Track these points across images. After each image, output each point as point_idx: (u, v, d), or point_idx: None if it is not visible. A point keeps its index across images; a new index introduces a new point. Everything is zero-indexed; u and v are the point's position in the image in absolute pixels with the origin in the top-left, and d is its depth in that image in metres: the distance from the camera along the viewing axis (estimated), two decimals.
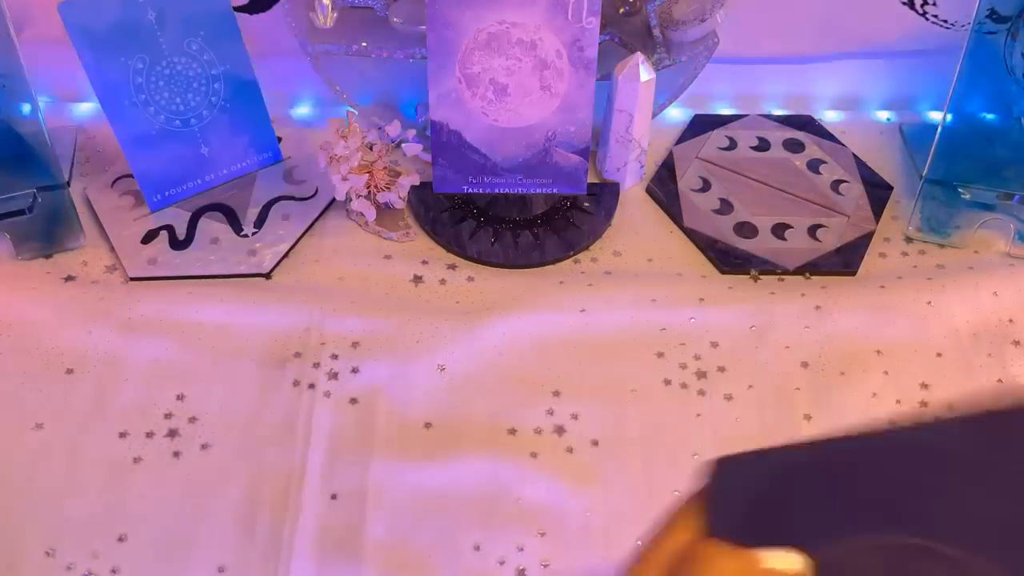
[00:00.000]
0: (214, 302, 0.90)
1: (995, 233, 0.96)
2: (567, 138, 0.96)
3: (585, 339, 0.88)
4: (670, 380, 0.85)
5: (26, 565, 0.72)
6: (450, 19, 0.89)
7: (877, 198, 1.00)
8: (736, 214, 0.98)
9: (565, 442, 0.81)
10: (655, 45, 1.00)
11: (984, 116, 0.95)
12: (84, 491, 0.77)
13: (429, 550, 0.74)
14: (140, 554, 0.74)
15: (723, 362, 0.86)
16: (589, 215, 0.98)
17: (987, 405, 0.45)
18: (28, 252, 0.93)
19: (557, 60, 0.91)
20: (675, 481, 0.78)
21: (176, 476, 0.79)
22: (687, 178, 1.03)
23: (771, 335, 0.88)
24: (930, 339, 0.88)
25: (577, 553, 0.74)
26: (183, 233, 0.95)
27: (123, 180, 1.00)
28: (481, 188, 0.99)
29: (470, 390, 0.84)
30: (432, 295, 0.92)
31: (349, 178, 0.93)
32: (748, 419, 0.83)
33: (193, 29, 0.93)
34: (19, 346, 0.86)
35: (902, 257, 0.96)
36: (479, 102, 0.94)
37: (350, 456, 0.80)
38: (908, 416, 0.82)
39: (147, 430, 0.81)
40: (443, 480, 0.78)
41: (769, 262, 0.94)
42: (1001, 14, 0.90)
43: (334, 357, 0.86)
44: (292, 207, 0.98)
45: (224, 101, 0.98)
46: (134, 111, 0.93)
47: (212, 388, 0.84)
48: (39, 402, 0.83)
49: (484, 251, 0.95)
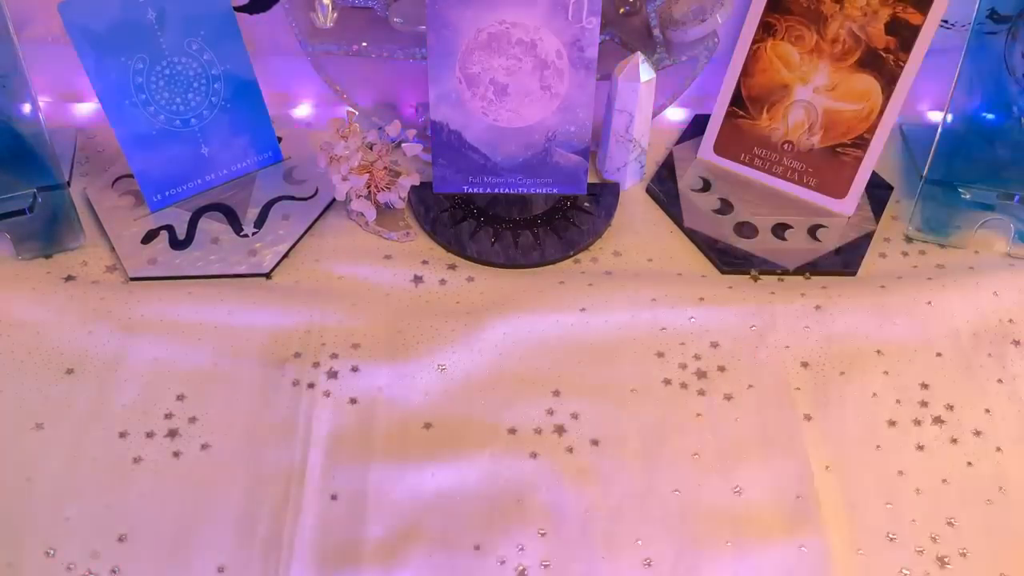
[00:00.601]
0: (214, 302, 0.90)
1: (995, 233, 0.96)
2: (567, 138, 0.96)
3: (585, 339, 0.88)
4: (670, 380, 0.85)
5: (26, 565, 0.72)
6: (450, 19, 0.89)
7: (877, 198, 1.00)
8: (736, 214, 0.99)
9: (565, 442, 0.81)
10: (655, 45, 1.00)
11: (984, 116, 0.95)
12: (84, 491, 0.77)
13: (429, 550, 0.74)
14: (140, 554, 0.73)
15: (723, 362, 0.87)
16: (589, 215, 0.98)
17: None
18: (28, 252, 0.93)
19: (557, 60, 0.91)
20: (675, 481, 0.78)
21: (176, 476, 0.79)
22: (687, 178, 1.03)
23: (771, 335, 0.88)
24: (930, 339, 0.88)
25: (577, 553, 0.74)
26: (183, 233, 0.95)
27: (123, 180, 1.00)
28: (481, 188, 0.99)
29: (470, 390, 0.84)
30: (432, 295, 0.92)
31: (349, 178, 0.93)
32: (748, 419, 0.83)
33: (193, 29, 0.93)
34: (19, 346, 0.86)
35: (902, 257, 0.96)
36: (479, 102, 0.94)
37: (350, 456, 0.80)
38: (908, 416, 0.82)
39: (147, 430, 0.81)
40: (443, 480, 0.78)
41: (769, 262, 0.94)
42: (1001, 14, 0.90)
43: (334, 357, 0.86)
44: (292, 207, 0.98)
45: (224, 101, 0.98)
46: (134, 111, 0.93)
47: (212, 388, 0.84)
48: (39, 402, 0.83)
49: (484, 251, 0.95)
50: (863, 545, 0.74)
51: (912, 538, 0.75)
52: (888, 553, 0.74)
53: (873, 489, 0.78)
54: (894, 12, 0.90)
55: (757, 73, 0.99)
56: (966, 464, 0.80)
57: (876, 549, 0.74)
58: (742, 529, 0.75)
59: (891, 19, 0.91)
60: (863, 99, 0.94)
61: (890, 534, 0.75)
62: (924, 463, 0.80)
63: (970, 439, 0.81)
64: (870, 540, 0.75)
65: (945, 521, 0.76)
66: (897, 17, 0.90)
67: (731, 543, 0.74)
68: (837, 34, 0.94)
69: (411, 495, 0.77)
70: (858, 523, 0.76)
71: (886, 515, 0.76)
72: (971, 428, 0.82)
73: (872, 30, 0.92)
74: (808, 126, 0.98)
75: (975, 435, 0.82)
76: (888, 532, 0.75)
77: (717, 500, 0.77)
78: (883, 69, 0.92)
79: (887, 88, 0.93)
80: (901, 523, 0.76)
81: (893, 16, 0.90)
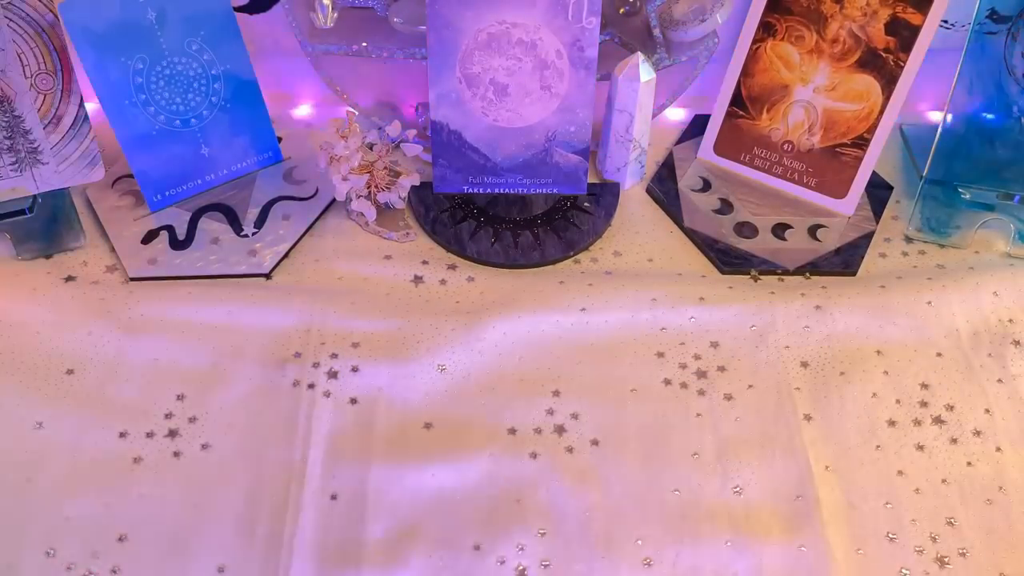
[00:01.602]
0: (214, 302, 0.90)
1: (995, 233, 0.96)
2: (567, 138, 0.96)
3: (585, 339, 0.88)
4: (670, 380, 0.85)
5: (26, 565, 0.72)
6: (450, 19, 0.89)
7: (877, 198, 1.00)
8: (736, 214, 0.99)
9: (565, 442, 0.81)
10: (655, 45, 1.00)
11: (984, 116, 0.95)
12: (84, 491, 0.77)
13: (429, 550, 0.74)
14: (140, 554, 0.73)
15: (723, 362, 0.87)
16: (589, 215, 0.98)
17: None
18: (28, 252, 0.93)
19: (557, 60, 0.91)
20: (675, 481, 0.78)
21: (176, 476, 0.79)
22: (687, 178, 1.03)
23: (771, 335, 0.88)
24: (930, 339, 0.88)
25: (577, 553, 0.74)
26: (183, 233, 0.95)
27: (123, 180, 1.00)
28: (481, 188, 0.99)
29: (470, 390, 0.84)
30: (432, 295, 0.92)
31: (349, 178, 0.93)
32: (748, 419, 0.83)
33: (193, 29, 0.93)
34: (19, 346, 0.86)
35: (902, 257, 0.96)
36: (479, 102, 0.94)
37: (350, 456, 0.80)
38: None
39: (147, 430, 0.81)
40: (443, 480, 0.78)
41: (769, 262, 0.94)
42: (1001, 14, 0.90)
43: (334, 357, 0.86)
44: (292, 207, 0.98)
45: (224, 101, 0.98)
46: (134, 111, 0.93)
47: (212, 388, 0.84)
48: (39, 402, 0.83)
49: (484, 251, 0.95)
50: (863, 545, 0.74)
51: (912, 538, 0.75)
52: (888, 553, 0.74)
53: (873, 489, 0.78)
54: (894, 12, 0.90)
55: (757, 73, 0.99)
56: (966, 464, 0.80)
57: (876, 549, 0.74)
58: (742, 529, 0.75)
59: (891, 19, 0.91)
60: (863, 99, 0.94)
61: (890, 534, 0.75)
62: (924, 463, 0.80)
63: (970, 439, 0.81)
64: (870, 540, 0.75)
65: (945, 521, 0.76)
66: (897, 17, 0.90)
67: (731, 543, 0.74)
68: (837, 34, 0.94)
69: (411, 495, 0.77)
70: (858, 523, 0.76)
71: (886, 515, 0.76)
72: (971, 428, 0.82)
73: (872, 30, 0.92)
74: (808, 126, 0.98)
75: (975, 435, 0.82)
76: (888, 532, 0.75)
77: (717, 500, 0.77)
78: (883, 69, 0.92)
79: (887, 88, 0.93)
80: (901, 523, 0.76)
81: (893, 16, 0.90)
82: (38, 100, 0.85)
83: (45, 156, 0.87)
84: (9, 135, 0.85)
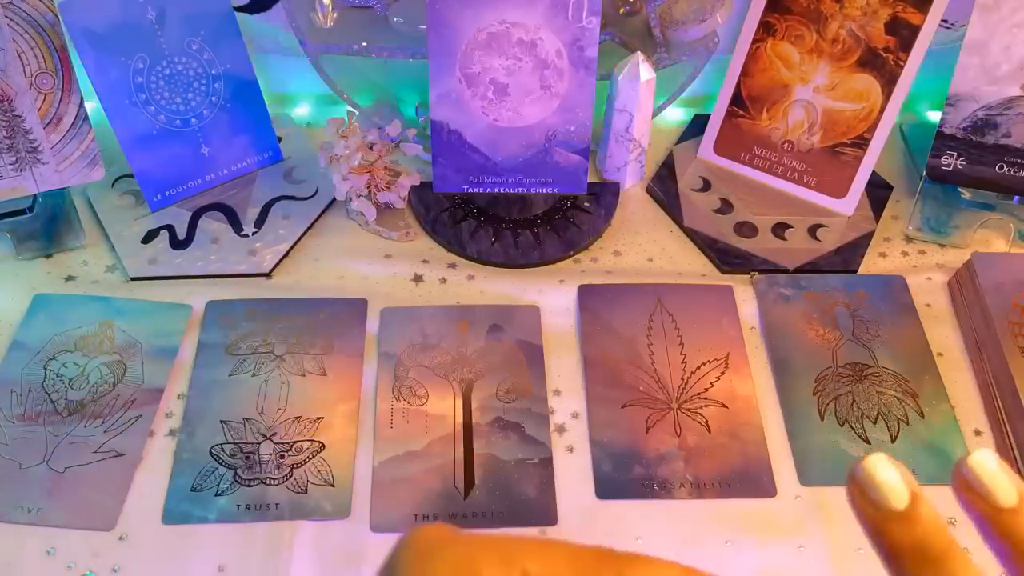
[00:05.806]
0: None
1: (995, 233, 0.96)
2: (567, 138, 0.96)
3: None
4: None
5: (26, 565, 0.72)
6: (450, 19, 0.89)
7: (877, 198, 1.00)
8: (736, 214, 0.99)
9: (565, 441, 0.81)
10: (655, 45, 1.00)
11: None
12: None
13: None
14: (140, 554, 0.73)
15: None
16: (589, 215, 0.98)
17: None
18: (28, 252, 0.93)
19: (557, 60, 0.91)
20: None
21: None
22: (687, 178, 1.03)
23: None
24: (930, 339, 0.88)
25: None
26: (183, 233, 0.95)
27: (123, 180, 1.00)
28: (481, 188, 0.99)
29: None
30: (432, 294, 0.92)
31: (349, 178, 0.93)
32: None
33: (193, 29, 0.94)
34: None
35: (902, 257, 0.96)
36: (479, 102, 0.94)
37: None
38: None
39: (148, 428, 0.81)
40: None
41: (769, 262, 0.94)
42: None
43: None
44: (292, 207, 0.98)
45: (224, 101, 0.98)
46: (134, 111, 0.93)
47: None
48: None
49: (484, 251, 0.95)
50: (863, 545, 0.74)
51: None
52: None
53: None
54: (894, 12, 0.90)
55: (757, 73, 0.99)
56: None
57: None
58: (742, 528, 0.75)
59: (891, 19, 0.91)
60: (863, 99, 0.94)
61: None
62: None
63: (971, 438, 0.81)
64: None
65: (945, 521, 0.76)
66: (897, 17, 0.90)
67: (731, 543, 0.74)
68: (837, 34, 0.94)
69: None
70: (858, 523, 0.76)
71: None
72: (971, 428, 0.82)
73: (872, 30, 0.92)
74: (808, 126, 0.98)
75: (975, 435, 0.82)
76: None
77: (717, 499, 0.77)
78: (883, 69, 0.92)
79: (887, 88, 0.93)
80: None
81: (893, 16, 0.90)
82: (38, 100, 0.85)
83: (45, 156, 0.87)
84: (9, 134, 0.84)
